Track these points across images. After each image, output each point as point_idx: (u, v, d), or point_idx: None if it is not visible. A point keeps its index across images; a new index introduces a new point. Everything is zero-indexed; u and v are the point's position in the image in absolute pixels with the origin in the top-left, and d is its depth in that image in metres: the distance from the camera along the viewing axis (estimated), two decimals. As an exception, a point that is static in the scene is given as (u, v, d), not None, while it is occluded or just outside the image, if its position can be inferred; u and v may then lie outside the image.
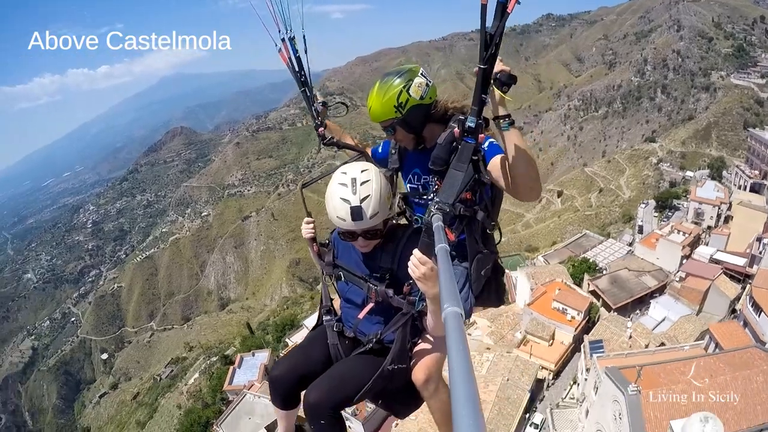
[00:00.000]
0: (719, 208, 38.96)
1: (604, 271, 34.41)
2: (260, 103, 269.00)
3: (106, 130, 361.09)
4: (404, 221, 2.63)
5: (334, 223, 2.14)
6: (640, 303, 29.53)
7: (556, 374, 26.22)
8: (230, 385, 32.16)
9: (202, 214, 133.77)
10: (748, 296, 22.42)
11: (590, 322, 27.64)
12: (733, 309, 26.49)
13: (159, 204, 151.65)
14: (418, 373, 2.25)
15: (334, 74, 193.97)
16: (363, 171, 2.11)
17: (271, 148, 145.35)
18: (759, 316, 20.99)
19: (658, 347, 22.04)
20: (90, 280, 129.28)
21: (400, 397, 2.47)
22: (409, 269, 1.81)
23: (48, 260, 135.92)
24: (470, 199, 2.14)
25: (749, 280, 25.97)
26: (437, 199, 1.75)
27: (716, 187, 42.08)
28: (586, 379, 21.18)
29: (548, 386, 25.66)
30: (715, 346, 20.23)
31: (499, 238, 2.40)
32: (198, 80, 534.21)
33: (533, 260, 42.51)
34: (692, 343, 22.06)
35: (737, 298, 26.56)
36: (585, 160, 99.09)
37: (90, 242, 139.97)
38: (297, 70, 2.63)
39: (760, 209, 34.82)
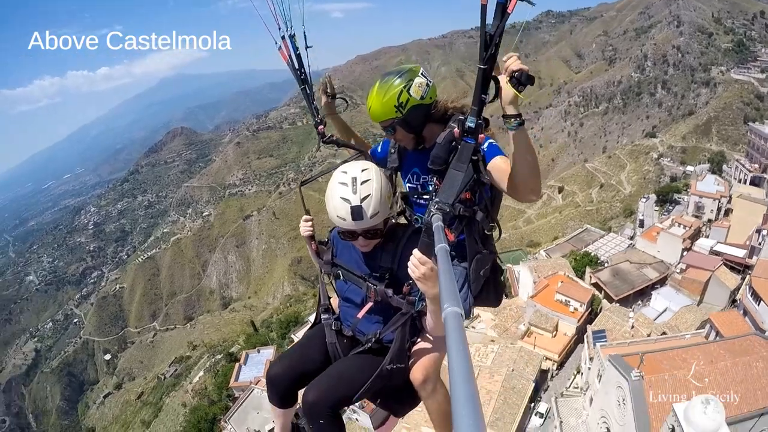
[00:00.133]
0: (719, 202, 39.27)
1: (606, 264, 34.65)
2: (260, 102, 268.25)
3: (106, 132, 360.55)
4: (403, 220, 2.61)
5: (335, 223, 2.12)
6: (642, 295, 29.83)
7: (560, 365, 26.58)
8: (236, 382, 32.39)
9: (204, 214, 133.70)
10: (747, 286, 22.74)
11: (593, 314, 27.94)
12: (734, 299, 26.75)
13: (160, 204, 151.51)
14: (417, 373, 2.25)
15: (334, 73, 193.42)
16: (363, 170, 2.09)
17: (272, 148, 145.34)
18: (758, 304, 21.32)
19: (659, 336, 22.38)
20: (92, 281, 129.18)
21: (398, 396, 2.46)
22: (409, 269, 1.81)
23: (50, 262, 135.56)
24: (470, 200, 2.13)
25: (749, 270, 26.24)
26: (437, 199, 1.75)
27: (716, 180, 42.31)
28: (589, 368, 21.49)
29: (552, 376, 26.04)
30: (716, 334, 20.59)
31: (499, 235, 2.39)
32: (198, 81, 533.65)
33: (535, 255, 42.67)
34: (693, 332, 22.41)
35: (737, 289, 26.83)
36: (585, 155, 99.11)
37: (91, 243, 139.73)
38: (297, 67, 2.60)
39: (760, 202, 35.09)
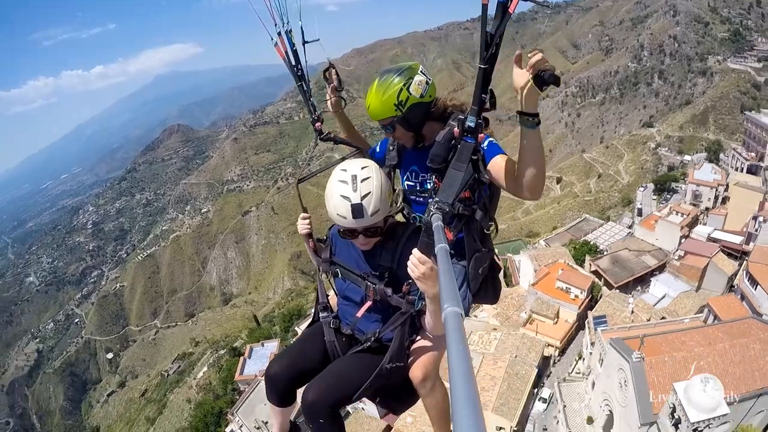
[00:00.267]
0: (716, 190, 39.61)
1: (605, 253, 35.02)
2: (256, 97, 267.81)
3: (101, 131, 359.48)
4: (401, 219, 2.61)
5: (335, 221, 2.11)
6: (641, 282, 30.19)
7: (562, 351, 26.98)
8: (241, 375, 32.74)
9: (202, 211, 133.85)
10: (744, 271, 23.19)
11: (593, 301, 28.32)
12: (731, 285, 27.14)
13: (158, 202, 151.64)
14: (416, 371, 2.25)
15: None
16: (363, 168, 2.07)
17: (269, 143, 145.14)
18: (755, 289, 21.79)
19: (659, 321, 22.82)
20: (92, 280, 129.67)
21: (397, 395, 2.46)
22: (409, 269, 1.81)
23: (49, 263, 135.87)
24: (469, 198, 2.13)
25: (746, 257, 26.64)
26: (437, 199, 1.75)
27: (713, 169, 42.64)
28: (591, 353, 21.93)
29: (554, 363, 26.50)
30: (714, 318, 21.05)
31: (496, 232, 2.39)
32: (193, 77, 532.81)
33: (534, 245, 42.99)
34: (692, 316, 22.86)
35: (735, 275, 27.27)
36: (583, 146, 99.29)
37: (91, 243, 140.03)
38: (294, 64, 2.56)
39: (757, 189, 35.50)
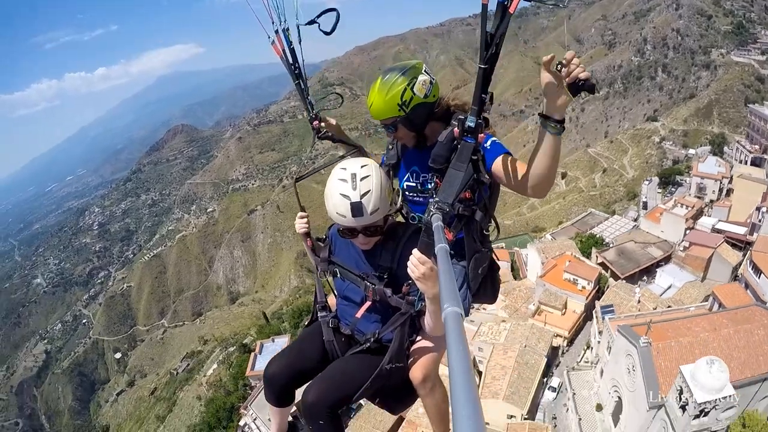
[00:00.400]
0: (721, 182, 39.95)
1: (611, 245, 35.47)
2: (259, 97, 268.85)
3: (105, 133, 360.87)
4: (401, 219, 2.62)
5: (334, 220, 2.10)
6: (647, 273, 30.71)
7: (570, 342, 27.53)
8: (252, 371, 33.14)
9: (208, 210, 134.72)
10: (748, 260, 23.65)
11: (600, 292, 28.83)
12: (736, 275, 27.47)
13: (164, 202, 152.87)
14: (416, 372, 2.26)
15: (333, 65, 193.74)
16: (363, 166, 2.07)
17: (274, 141, 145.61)
18: (759, 277, 22.27)
19: (665, 309, 23.34)
20: (99, 281, 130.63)
21: (396, 395, 2.46)
22: (409, 269, 1.82)
23: (56, 264, 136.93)
24: (469, 199, 2.11)
25: (750, 247, 27.05)
26: (437, 199, 1.75)
27: (717, 162, 42.88)
28: (599, 342, 22.50)
29: (563, 353, 27.06)
30: (719, 306, 21.58)
31: (497, 234, 2.39)
32: (195, 78, 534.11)
33: (540, 239, 43.46)
34: (697, 304, 23.38)
35: (739, 265, 27.59)
36: (588, 141, 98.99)
37: (97, 244, 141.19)
38: (291, 62, 2.56)
39: (760, 181, 35.81)
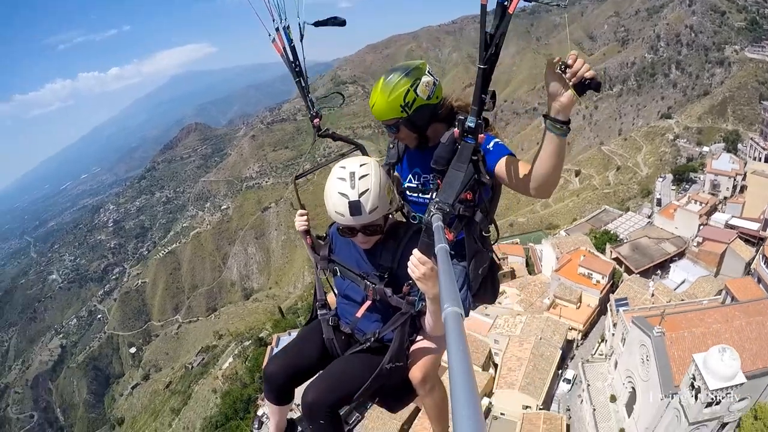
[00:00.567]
0: (734, 179, 40.13)
1: (625, 241, 35.87)
2: (272, 95, 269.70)
3: (119, 132, 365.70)
4: (401, 218, 2.60)
5: (333, 219, 2.11)
6: (661, 268, 31.19)
7: (584, 335, 28.17)
8: (269, 364, 34.47)
9: (222, 208, 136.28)
10: (761, 255, 24.20)
11: (614, 286, 29.35)
12: (749, 271, 27.77)
13: (178, 200, 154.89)
14: (416, 372, 2.27)
15: (345, 63, 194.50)
16: (362, 165, 2.07)
17: (287, 139, 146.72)
18: (772, 271, 22.86)
19: (679, 302, 23.96)
20: (114, 277, 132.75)
21: (396, 394, 2.47)
22: (409, 269, 1.82)
23: (72, 260, 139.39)
24: (470, 199, 2.09)
25: (763, 242, 27.51)
26: (437, 199, 1.75)
27: (731, 159, 43.04)
28: (613, 334, 23.18)
29: (577, 346, 27.72)
30: (732, 299, 22.19)
31: (497, 236, 2.39)
32: (208, 77, 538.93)
33: (555, 235, 43.91)
34: (710, 297, 23.99)
35: (752, 260, 27.92)
36: (601, 138, 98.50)
37: (112, 241, 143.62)
38: (291, 60, 2.52)
39: (774, 177, 36.12)
